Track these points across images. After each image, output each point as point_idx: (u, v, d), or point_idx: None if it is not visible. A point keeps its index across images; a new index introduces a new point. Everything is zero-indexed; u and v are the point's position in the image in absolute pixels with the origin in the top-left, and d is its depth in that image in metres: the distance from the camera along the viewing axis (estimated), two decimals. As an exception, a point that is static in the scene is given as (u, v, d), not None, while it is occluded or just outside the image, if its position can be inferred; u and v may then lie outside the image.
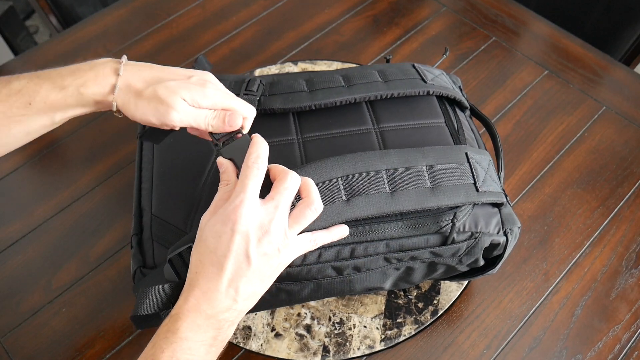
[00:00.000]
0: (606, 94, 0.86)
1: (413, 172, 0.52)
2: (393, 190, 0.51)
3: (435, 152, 0.54)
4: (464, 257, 0.56)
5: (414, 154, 0.54)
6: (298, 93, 0.59)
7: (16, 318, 0.66)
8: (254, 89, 0.59)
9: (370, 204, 0.50)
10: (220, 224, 0.43)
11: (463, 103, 0.64)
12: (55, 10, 1.13)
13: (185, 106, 0.47)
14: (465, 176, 0.54)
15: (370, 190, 0.51)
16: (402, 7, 0.98)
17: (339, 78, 0.61)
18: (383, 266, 0.55)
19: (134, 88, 0.47)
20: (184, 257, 0.47)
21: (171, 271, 0.47)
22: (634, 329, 0.65)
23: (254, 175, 0.44)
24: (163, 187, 0.57)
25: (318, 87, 0.60)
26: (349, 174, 0.51)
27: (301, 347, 0.63)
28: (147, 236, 0.54)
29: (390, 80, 0.60)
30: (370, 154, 0.53)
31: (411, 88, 0.60)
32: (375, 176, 0.51)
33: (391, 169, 0.52)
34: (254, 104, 0.58)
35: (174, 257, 0.47)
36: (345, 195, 0.50)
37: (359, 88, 0.59)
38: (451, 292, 0.67)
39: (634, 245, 0.71)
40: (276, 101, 0.58)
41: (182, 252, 0.47)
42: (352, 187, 0.50)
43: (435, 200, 0.52)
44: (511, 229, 0.55)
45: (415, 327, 0.65)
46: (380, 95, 0.59)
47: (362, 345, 0.63)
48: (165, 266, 0.47)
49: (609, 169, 0.78)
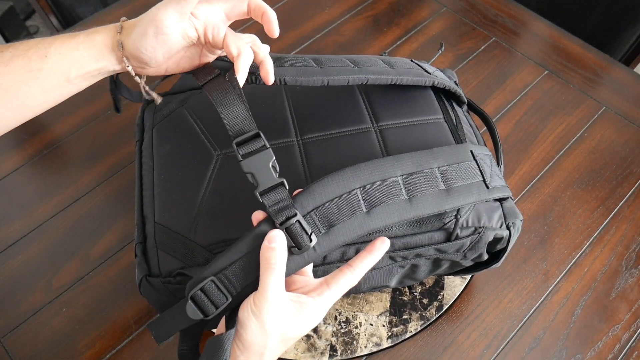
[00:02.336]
0: (606, 94, 0.86)
1: (427, 175, 0.51)
2: (411, 197, 0.50)
3: (444, 153, 0.53)
4: (468, 252, 0.56)
5: (425, 156, 0.52)
6: (309, 67, 0.55)
7: (16, 318, 0.66)
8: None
9: (391, 213, 0.49)
10: (257, 325, 0.43)
11: (461, 97, 0.64)
12: (55, 10, 1.13)
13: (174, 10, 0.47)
14: (474, 174, 0.53)
15: (389, 199, 0.49)
16: (402, 7, 0.98)
17: (346, 60, 0.59)
18: (388, 265, 0.55)
19: (133, 21, 0.49)
20: (207, 292, 0.45)
21: (194, 309, 0.45)
22: (633, 329, 0.65)
23: (272, 268, 0.43)
24: (165, 194, 0.56)
25: (327, 65, 0.57)
26: (367, 183, 0.49)
27: (308, 347, 0.63)
28: (151, 244, 0.54)
29: (397, 68, 0.59)
30: (384, 160, 0.51)
31: (418, 77, 0.59)
32: (392, 184, 0.50)
33: (406, 174, 0.51)
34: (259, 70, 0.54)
35: (195, 294, 0.44)
36: (365, 206, 0.48)
37: (369, 70, 0.57)
38: (455, 287, 0.67)
39: (633, 245, 0.71)
40: (287, 72, 0.54)
41: (204, 287, 0.45)
42: (371, 198, 0.49)
43: (451, 201, 0.51)
44: (514, 222, 0.55)
45: (421, 323, 0.65)
46: (391, 79, 0.57)
47: (369, 343, 0.63)
48: (188, 304, 0.45)
49: (609, 169, 0.78)
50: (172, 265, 0.52)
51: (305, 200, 0.46)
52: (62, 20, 1.15)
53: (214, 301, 0.45)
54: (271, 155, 0.46)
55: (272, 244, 0.43)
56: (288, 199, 0.45)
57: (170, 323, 0.47)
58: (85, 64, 0.48)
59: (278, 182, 0.45)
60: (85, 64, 0.48)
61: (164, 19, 0.47)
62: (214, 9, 0.49)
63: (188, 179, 0.56)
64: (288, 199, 0.45)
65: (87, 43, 0.48)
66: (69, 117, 0.84)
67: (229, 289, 0.45)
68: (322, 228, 0.46)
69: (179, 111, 0.62)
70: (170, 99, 0.64)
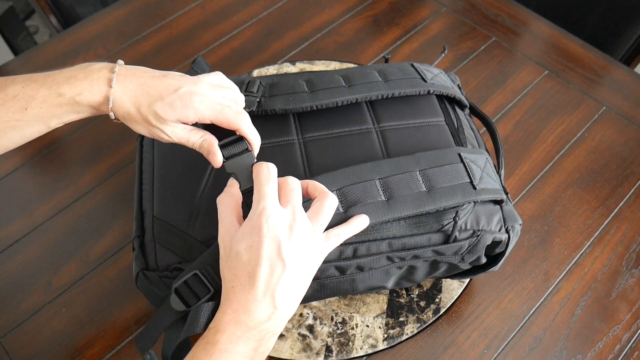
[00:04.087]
0: (606, 94, 0.86)
1: (406, 178, 0.53)
2: (388, 198, 0.52)
3: (426, 157, 0.55)
4: (466, 255, 0.56)
5: (405, 161, 0.54)
6: (299, 94, 0.59)
7: (16, 318, 0.66)
8: (254, 90, 0.59)
9: (368, 212, 0.51)
10: (249, 235, 0.43)
11: (462, 101, 0.64)
12: (55, 10, 1.13)
13: (173, 128, 0.48)
14: (460, 176, 0.54)
15: (365, 199, 0.51)
16: (402, 7, 0.98)
17: (339, 78, 0.61)
18: (386, 265, 0.55)
19: (125, 108, 0.47)
20: (190, 285, 0.47)
21: (178, 301, 0.47)
22: (634, 329, 0.65)
23: (269, 181, 0.45)
24: (164, 189, 0.57)
25: (319, 87, 0.60)
26: (343, 186, 0.51)
27: (304, 347, 0.63)
28: (149, 238, 0.54)
29: (391, 80, 0.60)
30: (362, 166, 0.53)
31: (411, 87, 0.60)
32: (369, 186, 0.52)
33: (384, 177, 0.53)
34: (254, 105, 0.58)
35: (180, 286, 0.47)
36: (342, 207, 0.50)
37: (359, 88, 0.59)
38: (453, 290, 0.67)
39: (634, 245, 0.71)
40: (277, 102, 0.58)
41: (187, 279, 0.47)
42: (347, 199, 0.51)
43: (433, 202, 0.52)
44: (513, 226, 0.55)
45: (418, 326, 0.65)
46: (381, 95, 0.59)
47: (364, 344, 0.63)
48: (172, 296, 0.47)
49: (609, 169, 0.78)
50: (170, 260, 0.52)
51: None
52: (62, 20, 1.15)
53: (196, 292, 0.46)
54: (253, 158, 0.49)
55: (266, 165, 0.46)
56: None
57: (155, 328, 0.49)
58: (67, 117, 0.48)
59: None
60: (67, 117, 0.48)
61: (161, 137, 0.49)
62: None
63: (188, 175, 0.56)
64: None
65: (72, 106, 0.47)
66: (68, 117, 0.84)
67: (210, 282, 0.46)
68: None
69: None
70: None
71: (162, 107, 0.46)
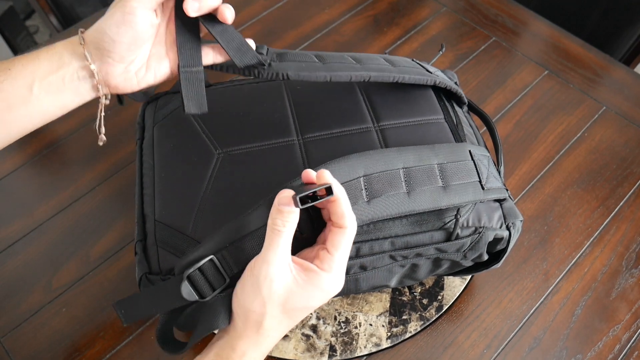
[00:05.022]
0: (606, 94, 0.86)
1: (427, 170, 0.52)
2: (410, 190, 0.51)
3: (444, 150, 0.54)
4: (468, 252, 0.56)
5: (426, 151, 0.53)
6: (312, 63, 0.55)
7: (16, 318, 0.66)
8: (263, 52, 0.54)
9: (390, 205, 0.49)
10: (254, 288, 0.42)
11: (462, 98, 0.64)
12: (55, 10, 1.13)
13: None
14: (471, 174, 0.54)
15: (389, 191, 0.50)
16: (402, 7, 0.98)
17: (349, 58, 0.58)
18: (388, 264, 0.55)
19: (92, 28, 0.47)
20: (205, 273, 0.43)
21: (191, 290, 0.43)
22: (634, 329, 0.65)
23: (276, 237, 0.41)
24: (165, 192, 0.56)
25: (331, 61, 0.56)
26: (371, 173, 0.49)
27: (308, 347, 0.63)
28: (151, 242, 0.54)
29: (399, 67, 0.59)
30: (388, 151, 0.52)
31: (420, 75, 0.59)
32: (394, 176, 0.50)
33: (407, 168, 0.51)
34: (266, 63, 0.53)
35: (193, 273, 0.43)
36: (367, 196, 0.49)
37: (371, 67, 0.57)
38: (455, 287, 0.67)
39: (634, 245, 0.71)
40: (290, 67, 0.53)
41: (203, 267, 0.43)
42: (372, 187, 0.49)
43: (447, 199, 0.51)
44: (514, 222, 0.55)
45: (421, 324, 0.65)
46: (394, 77, 0.57)
47: (368, 343, 0.63)
48: (184, 284, 0.43)
49: (609, 169, 0.78)
50: (172, 263, 0.52)
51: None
52: (62, 20, 1.15)
53: (211, 282, 0.43)
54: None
55: (283, 207, 0.40)
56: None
57: (149, 304, 0.45)
58: (46, 71, 0.46)
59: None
60: (46, 72, 0.46)
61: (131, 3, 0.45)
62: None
63: (189, 178, 0.56)
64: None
65: (46, 51, 0.47)
66: (69, 117, 0.83)
67: (226, 269, 0.44)
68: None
69: (180, 110, 0.62)
70: (171, 97, 0.65)
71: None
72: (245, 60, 0.50)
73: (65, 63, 0.47)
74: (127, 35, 0.45)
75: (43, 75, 0.46)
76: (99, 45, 0.46)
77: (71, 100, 0.48)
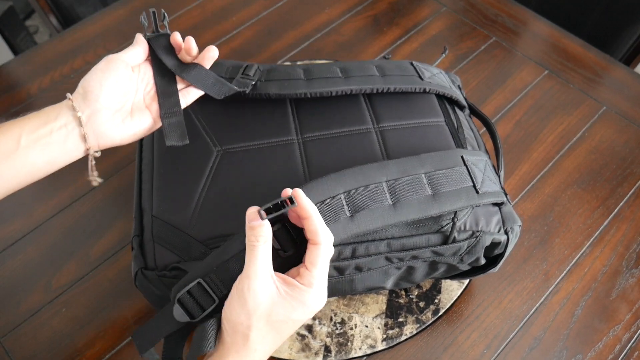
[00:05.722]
0: (606, 94, 0.86)
1: (413, 181, 0.52)
2: (395, 202, 0.51)
3: (432, 159, 0.54)
4: (465, 256, 0.56)
5: (411, 162, 0.53)
6: (295, 80, 0.59)
7: (16, 318, 0.66)
8: (250, 73, 0.59)
9: (375, 218, 0.50)
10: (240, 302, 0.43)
11: (460, 102, 0.64)
12: (55, 10, 1.13)
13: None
14: (463, 180, 0.54)
15: (372, 204, 0.50)
16: (402, 7, 0.98)
17: (337, 69, 0.61)
18: (384, 266, 0.55)
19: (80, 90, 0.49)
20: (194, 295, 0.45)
21: (182, 312, 0.45)
22: (634, 329, 0.65)
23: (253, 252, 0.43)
24: (163, 188, 0.57)
25: (315, 76, 0.59)
26: (350, 189, 0.50)
27: (303, 347, 0.63)
28: (148, 237, 0.54)
29: (388, 75, 0.60)
30: (369, 166, 0.52)
31: (408, 84, 0.60)
32: (377, 189, 0.51)
33: (391, 180, 0.52)
34: (247, 87, 0.58)
35: (182, 296, 0.45)
36: (349, 211, 0.49)
37: (355, 80, 0.59)
38: (452, 291, 0.67)
39: (634, 245, 0.71)
40: (272, 86, 0.58)
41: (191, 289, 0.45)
42: (355, 202, 0.50)
43: (438, 207, 0.52)
44: (512, 227, 0.55)
45: (417, 327, 0.65)
46: (376, 89, 0.59)
47: (363, 345, 0.63)
48: (175, 307, 0.45)
49: (609, 169, 0.78)
50: (168, 259, 0.52)
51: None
52: (61, 20, 1.15)
53: (201, 303, 0.45)
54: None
55: (251, 223, 0.42)
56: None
57: (155, 330, 0.47)
58: (34, 125, 0.47)
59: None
60: (34, 125, 0.47)
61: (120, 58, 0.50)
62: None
63: (187, 174, 0.56)
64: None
65: (38, 115, 0.48)
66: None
67: (215, 291, 0.45)
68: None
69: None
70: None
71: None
72: (223, 92, 0.55)
73: (53, 117, 0.48)
74: (110, 79, 0.49)
75: (31, 129, 0.47)
76: (86, 91, 0.49)
77: (59, 153, 0.49)
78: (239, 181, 0.55)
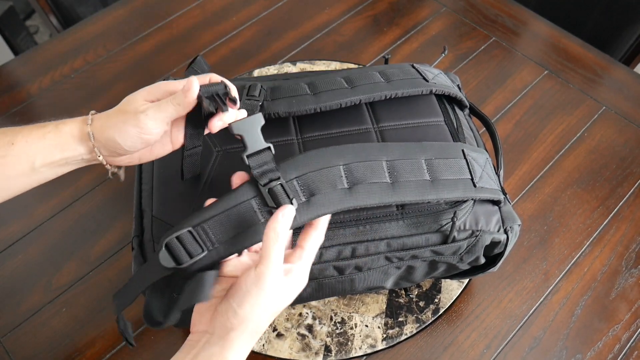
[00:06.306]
0: (606, 94, 0.86)
1: (412, 164, 0.52)
2: (394, 181, 0.50)
3: (433, 147, 0.54)
4: (464, 256, 0.56)
5: (412, 147, 0.53)
6: (302, 96, 0.58)
7: (16, 318, 0.66)
8: (255, 94, 0.58)
9: (372, 193, 0.49)
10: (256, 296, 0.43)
11: (463, 102, 0.64)
12: (55, 10, 1.13)
13: (147, 105, 0.47)
14: (462, 172, 0.54)
15: (371, 179, 0.49)
16: (402, 7, 0.98)
17: (341, 80, 0.60)
18: (384, 265, 0.55)
19: (104, 115, 0.49)
20: (183, 241, 0.44)
21: (168, 257, 0.44)
22: (633, 329, 0.65)
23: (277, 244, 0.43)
24: (163, 188, 0.57)
25: (321, 89, 0.59)
26: (350, 162, 0.50)
27: (303, 347, 0.63)
28: (148, 238, 0.54)
29: (393, 81, 0.60)
30: (371, 145, 0.52)
31: (414, 87, 0.60)
32: (376, 166, 0.50)
33: (391, 160, 0.51)
34: (256, 109, 0.57)
35: (170, 240, 0.44)
36: (347, 182, 0.49)
37: (362, 89, 0.59)
38: (452, 290, 0.67)
39: (633, 245, 0.71)
40: (280, 105, 0.57)
41: (180, 235, 0.44)
42: (353, 175, 0.49)
43: (435, 192, 0.51)
44: (511, 226, 0.55)
45: (417, 326, 0.65)
46: (384, 95, 0.59)
47: (363, 344, 0.63)
48: (162, 252, 0.44)
49: (609, 169, 0.78)
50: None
51: (289, 167, 0.47)
52: (62, 20, 1.15)
53: (189, 250, 0.44)
54: (261, 119, 0.46)
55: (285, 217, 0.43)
56: (272, 162, 0.46)
57: (137, 283, 0.46)
58: (50, 152, 0.48)
59: (265, 147, 0.46)
60: (50, 153, 0.48)
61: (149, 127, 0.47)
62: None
63: None
64: (272, 162, 0.46)
65: (54, 133, 0.48)
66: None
67: (204, 242, 0.45)
68: (303, 196, 0.46)
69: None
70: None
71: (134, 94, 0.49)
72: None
73: (71, 149, 0.49)
74: (139, 145, 0.49)
75: (47, 155, 0.48)
76: (109, 147, 0.49)
77: (70, 169, 0.51)
78: None
